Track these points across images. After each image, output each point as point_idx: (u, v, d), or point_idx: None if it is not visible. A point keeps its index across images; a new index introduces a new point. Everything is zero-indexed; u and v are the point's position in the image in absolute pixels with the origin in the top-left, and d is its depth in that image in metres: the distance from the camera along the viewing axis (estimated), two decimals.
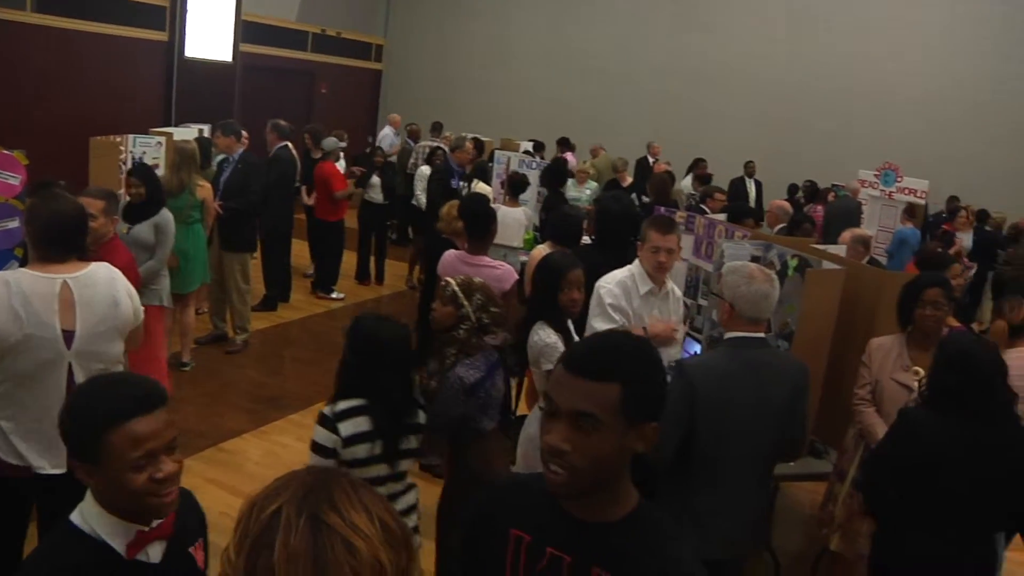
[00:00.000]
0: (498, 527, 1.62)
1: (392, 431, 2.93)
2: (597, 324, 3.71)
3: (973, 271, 9.68)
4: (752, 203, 11.40)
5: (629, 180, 11.08)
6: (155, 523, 1.79)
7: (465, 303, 3.29)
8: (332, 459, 2.84)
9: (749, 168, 12.72)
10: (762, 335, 2.94)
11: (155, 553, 1.80)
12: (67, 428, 1.77)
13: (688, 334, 4.59)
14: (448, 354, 3.35)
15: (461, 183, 8.84)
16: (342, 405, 2.89)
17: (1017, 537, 3.19)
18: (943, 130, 13.21)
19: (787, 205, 7.75)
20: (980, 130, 13.08)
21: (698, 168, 12.13)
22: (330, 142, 8.96)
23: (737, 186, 12.28)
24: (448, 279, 3.44)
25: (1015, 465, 2.84)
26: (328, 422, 2.86)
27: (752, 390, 2.84)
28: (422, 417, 3.09)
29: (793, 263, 4.09)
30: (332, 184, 8.38)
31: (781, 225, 6.79)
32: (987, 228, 11.02)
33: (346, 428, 2.85)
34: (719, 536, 2.91)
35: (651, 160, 12.82)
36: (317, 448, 2.86)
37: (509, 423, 3.59)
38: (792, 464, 3.95)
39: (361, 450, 2.87)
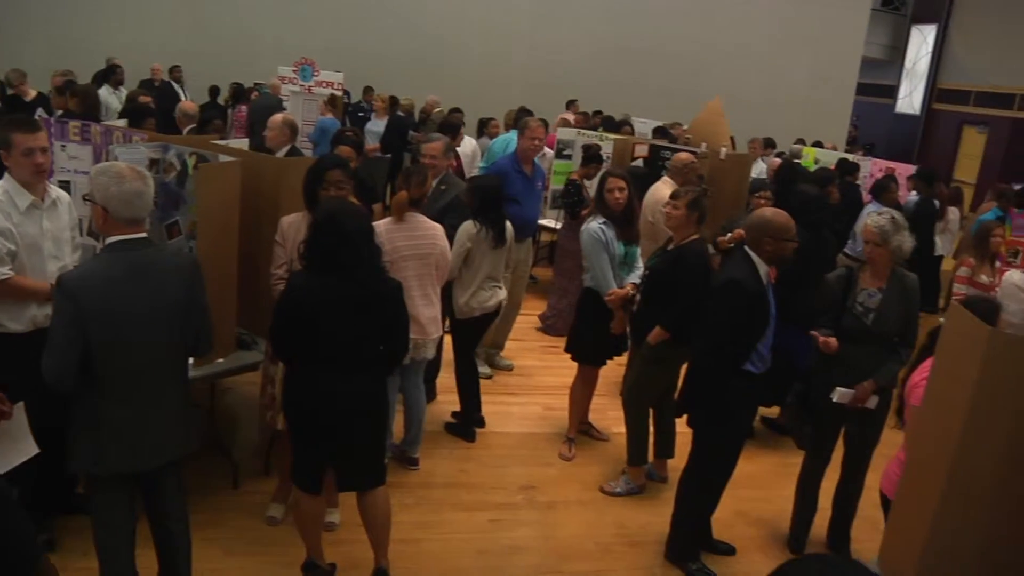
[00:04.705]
0: None
1: None
2: None
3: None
4: None
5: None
6: None
7: None
8: None
9: (175, 73, 12.68)
10: (144, 235, 2.83)
11: None
12: None
13: None
14: None
15: None
16: None
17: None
18: (352, 24, 14.16)
19: (192, 106, 7.53)
20: (378, 23, 14.31)
21: (115, 75, 11.30)
22: None
23: (164, 90, 11.90)
24: None
25: (379, 316, 3.27)
26: None
27: (142, 293, 2.76)
28: None
29: (191, 161, 4.00)
30: None
31: (191, 126, 6.61)
32: (400, 114, 12.10)
33: None
34: (143, 446, 2.88)
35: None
36: None
37: None
38: (222, 360, 3.98)
39: None
